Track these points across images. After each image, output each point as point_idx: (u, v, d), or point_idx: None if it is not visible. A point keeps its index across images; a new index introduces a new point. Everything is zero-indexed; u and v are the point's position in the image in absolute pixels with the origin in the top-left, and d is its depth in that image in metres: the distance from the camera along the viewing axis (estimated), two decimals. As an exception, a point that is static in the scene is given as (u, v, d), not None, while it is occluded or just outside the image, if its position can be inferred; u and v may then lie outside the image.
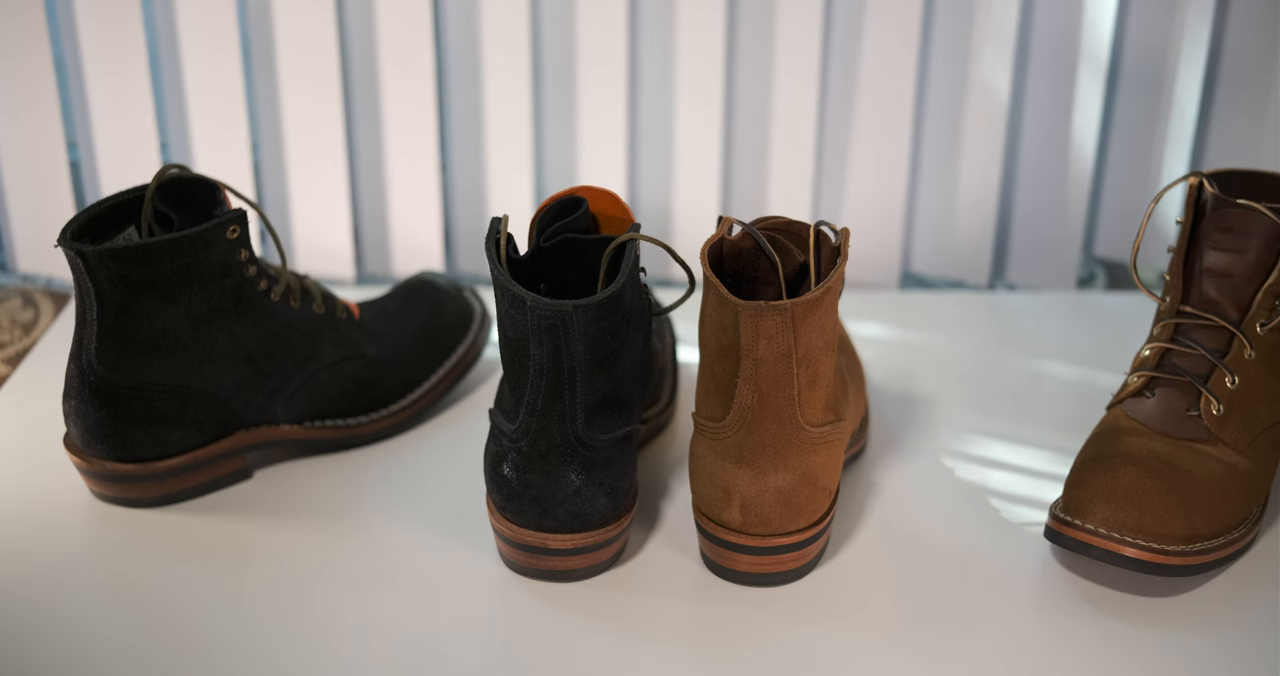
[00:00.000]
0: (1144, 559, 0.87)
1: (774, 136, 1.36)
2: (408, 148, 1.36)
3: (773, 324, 0.84)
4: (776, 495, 0.88)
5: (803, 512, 0.89)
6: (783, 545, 0.90)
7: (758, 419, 0.87)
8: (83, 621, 0.87)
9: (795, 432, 0.87)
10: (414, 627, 0.87)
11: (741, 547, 0.90)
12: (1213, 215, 0.95)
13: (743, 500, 0.88)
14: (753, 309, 0.84)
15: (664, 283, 1.40)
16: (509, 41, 1.32)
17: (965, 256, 1.41)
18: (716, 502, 0.89)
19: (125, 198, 0.95)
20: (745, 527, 0.89)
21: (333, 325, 1.03)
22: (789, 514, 0.89)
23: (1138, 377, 0.96)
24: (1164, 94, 1.34)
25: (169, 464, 0.97)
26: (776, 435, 0.87)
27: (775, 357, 0.85)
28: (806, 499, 0.89)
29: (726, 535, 0.90)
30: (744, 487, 0.88)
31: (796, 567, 0.92)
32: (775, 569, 0.91)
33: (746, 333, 0.84)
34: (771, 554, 0.90)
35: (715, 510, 0.90)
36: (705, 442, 0.90)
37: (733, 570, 0.91)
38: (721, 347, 0.87)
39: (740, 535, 0.90)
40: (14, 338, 1.25)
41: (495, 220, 0.88)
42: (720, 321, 0.86)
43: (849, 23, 1.33)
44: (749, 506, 0.88)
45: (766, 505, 0.88)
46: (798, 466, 0.88)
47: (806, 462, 0.88)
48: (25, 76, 1.30)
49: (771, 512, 0.89)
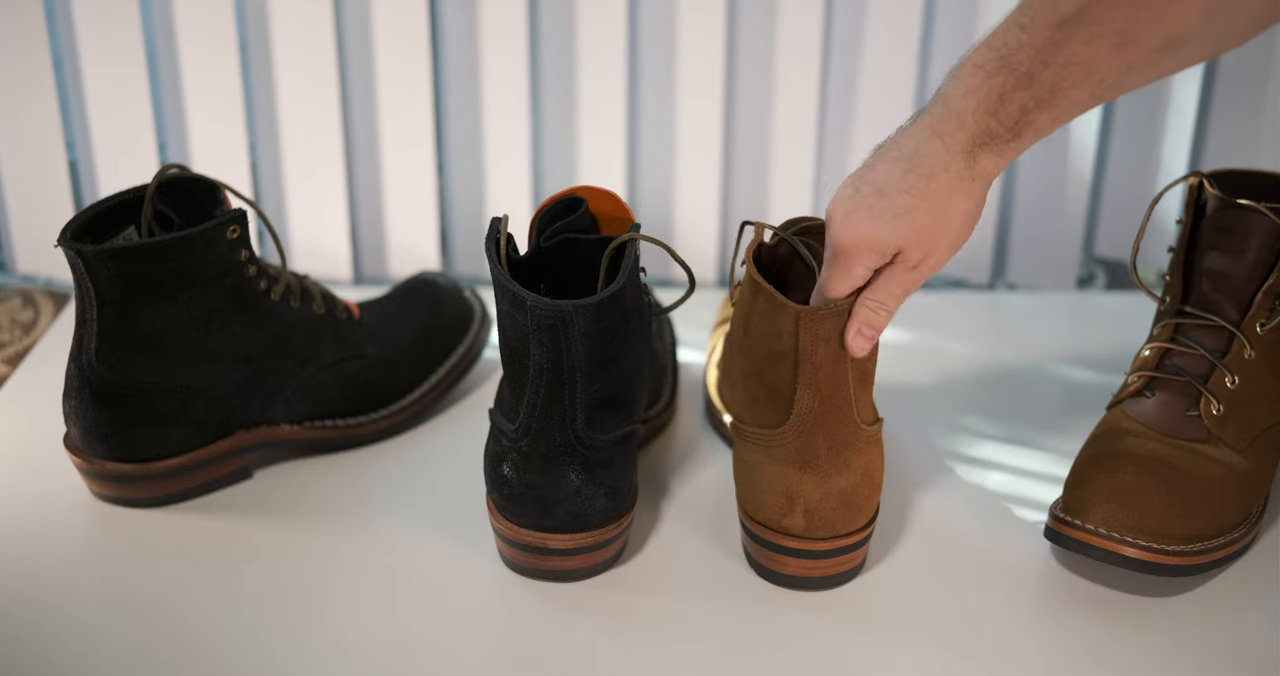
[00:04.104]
0: (1144, 559, 0.87)
1: (774, 136, 1.36)
2: (405, 148, 1.36)
3: (831, 327, 0.84)
4: (840, 497, 0.88)
5: (862, 512, 0.89)
6: (844, 546, 0.90)
7: (820, 423, 0.86)
8: (83, 621, 0.87)
9: (854, 433, 0.87)
10: (414, 627, 0.87)
11: (803, 553, 0.90)
12: (1213, 215, 0.95)
13: (806, 505, 0.88)
14: (813, 313, 0.84)
15: (664, 283, 1.40)
16: (507, 41, 1.32)
17: (965, 256, 1.41)
18: (778, 510, 0.89)
19: (125, 198, 0.95)
20: (808, 532, 0.89)
21: (333, 325, 1.03)
22: (851, 514, 0.89)
23: (1137, 378, 0.96)
24: (1164, 94, 1.34)
25: (169, 464, 0.97)
26: (838, 437, 0.87)
27: (833, 360, 0.85)
28: (866, 498, 0.89)
29: (787, 541, 0.89)
30: (808, 492, 0.88)
31: (850, 569, 0.92)
32: (831, 572, 0.91)
33: (806, 338, 0.84)
34: (832, 556, 0.90)
35: (775, 517, 0.89)
36: (759, 451, 0.89)
37: (784, 575, 0.91)
38: (775, 354, 0.86)
39: (803, 540, 0.89)
40: (14, 338, 1.24)
41: (495, 220, 0.88)
42: (775, 328, 0.86)
43: (850, 23, 1.33)
44: (813, 511, 0.88)
45: (830, 508, 0.88)
46: (858, 466, 0.88)
47: (865, 461, 0.88)
48: (24, 77, 1.30)
49: (835, 515, 0.88)
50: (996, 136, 0.81)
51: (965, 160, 0.81)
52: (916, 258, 0.84)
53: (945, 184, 0.82)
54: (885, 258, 0.83)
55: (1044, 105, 0.80)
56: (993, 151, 0.82)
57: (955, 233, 0.84)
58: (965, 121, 0.81)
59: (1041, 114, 0.80)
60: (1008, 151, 0.82)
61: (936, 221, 0.82)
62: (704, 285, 1.38)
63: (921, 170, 0.82)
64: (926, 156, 0.82)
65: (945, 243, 0.84)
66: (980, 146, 0.81)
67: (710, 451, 1.06)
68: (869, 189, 0.83)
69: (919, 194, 0.82)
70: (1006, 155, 0.82)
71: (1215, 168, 1.00)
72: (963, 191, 0.82)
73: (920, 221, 0.82)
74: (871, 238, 0.82)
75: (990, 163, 0.82)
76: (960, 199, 0.82)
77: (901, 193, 0.82)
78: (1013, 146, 0.82)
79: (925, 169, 0.82)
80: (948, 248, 0.84)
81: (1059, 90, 0.79)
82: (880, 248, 0.83)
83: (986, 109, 0.80)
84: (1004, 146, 0.82)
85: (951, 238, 0.84)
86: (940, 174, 0.81)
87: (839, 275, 0.84)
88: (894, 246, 0.83)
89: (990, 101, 0.80)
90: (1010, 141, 0.81)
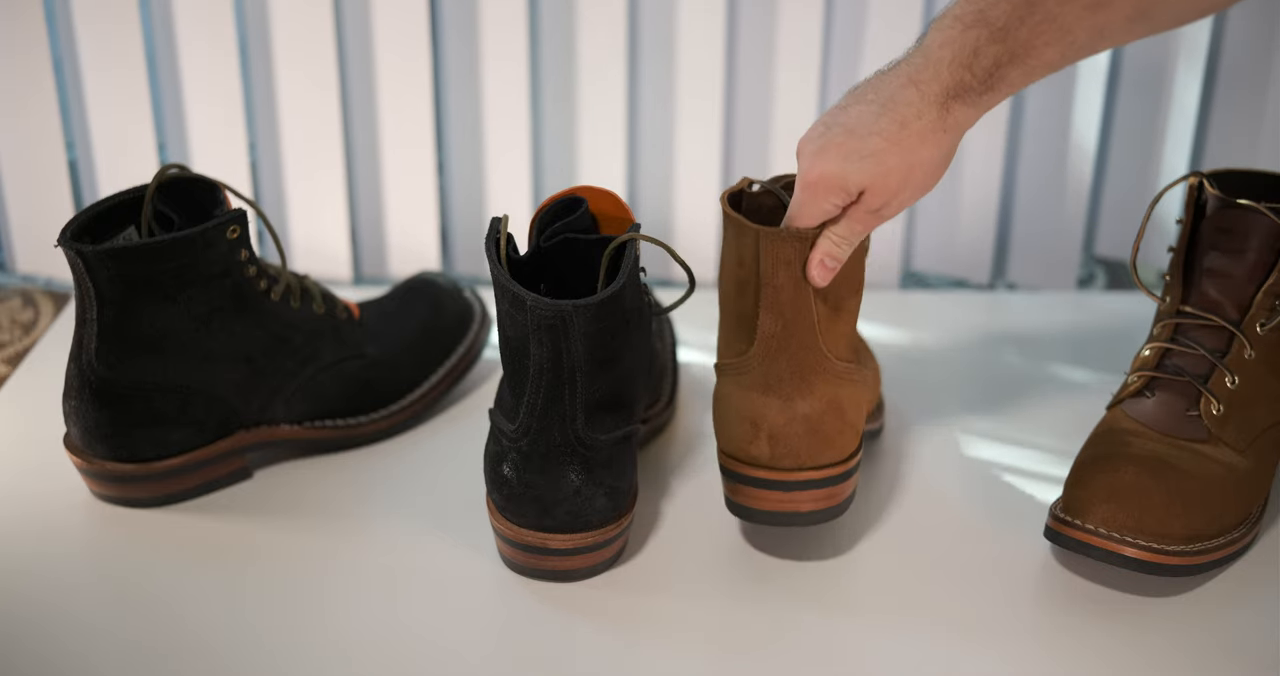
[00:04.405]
0: (1144, 559, 0.87)
1: (775, 136, 1.36)
2: (405, 148, 1.36)
3: (792, 250, 0.86)
4: (804, 423, 0.88)
5: (831, 445, 0.88)
6: (812, 480, 0.89)
7: (782, 347, 0.87)
8: (83, 621, 0.87)
9: (820, 360, 0.88)
10: (414, 627, 0.87)
11: (770, 483, 0.89)
12: (1213, 215, 0.95)
13: (770, 430, 0.88)
14: (772, 234, 0.86)
15: (664, 283, 1.40)
16: (508, 41, 1.32)
17: (966, 256, 1.41)
18: (743, 437, 0.89)
19: (125, 198, 0.95)
20: (774, 461, 0.89)
21: (333, 325, 1.03)
22: (817, 444, 0.88)
23: (1138, 378, 0.96)
24: (1164, 94, 1.34)
25: (169, 464, 0.97)
26: (801, 361, 0.88)
27: (794, 284, 0.86)
28: (835, 431, 0.88)
29: (754, 472, 0.89)
30: (771, 416, 0.88)
31: (825, 508, 0.90)
32: (804, 507, 0.90)
33: (766, 260, 0.86)
34: (801, 489, 0.89)
35: (742, 446, 0.89)
36: (729, 380, 0.90)
37: (759, 510, 0.90)
38: (740, 282, 0.88)
39: (768, 470, 0.89)
40: (14, 338, 1.24)
41: (495, 220, 0.88)
42: (739, 254, 0.87)
43: (850, 22, 1.33)
44: (776, 436, 0.88)
45: (794, 434, 0.88)
46: (824, 394, 0.88)
47: (833, 392, 0.88)
48: (24, 77, 1.30)
49: (800, 442, 0.88)
50: (970, 88, 0.84)
51: (939, 110, 0.84)
52: (878, 202, 0.86)
53: (917, 131, 0.84)
54: (850, 196, 0.86)
55: (1016, 61, 0.83)
56: (966, 103, 0.84)
57: (921, 179, 0.86)
58: (941, 72, 0.84)
59: (1013, 69, 0.83)
60: (980, 103, 0.85)
61: (904, 167, 0.85)
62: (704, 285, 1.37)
63: (895, 115, 0.84)
64: (901, 103, 0.84)
65: (910, 189, 0.86)
66: (954, 97, 0.84)
67: (710, 451, 1.06)
68: (840, 129, 0.85)
69: (890, 138, 0.84)
70: (979, 107, 0.85)
71: (1215, 168, 1.00)
72: (933, 140, 0.85)
73: (888, 165, 0.84)
74: (838, 175, 0.84)
75: (963, 113, 0.85)
76: (930, 147, 0.85)
77: (873, 135, 0.84)
78: (985, 99, 0.84)
79: (899, 115, 0.84)
80: (911, 194, 0.87)
81: (1031, 48, 0.82)
82: (845, 186, 0.85)
83: (961, 61, 0.83)
84: (977, 99, 0.84)
85: (917, 184, 0.86)
86: (913, 121, 0.84)
87: (805, 210, 0.86)
88: (859, 186, 0.85)
89: (965, 54, 0.83)
90: (983, 94, 0.84)
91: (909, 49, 0.86)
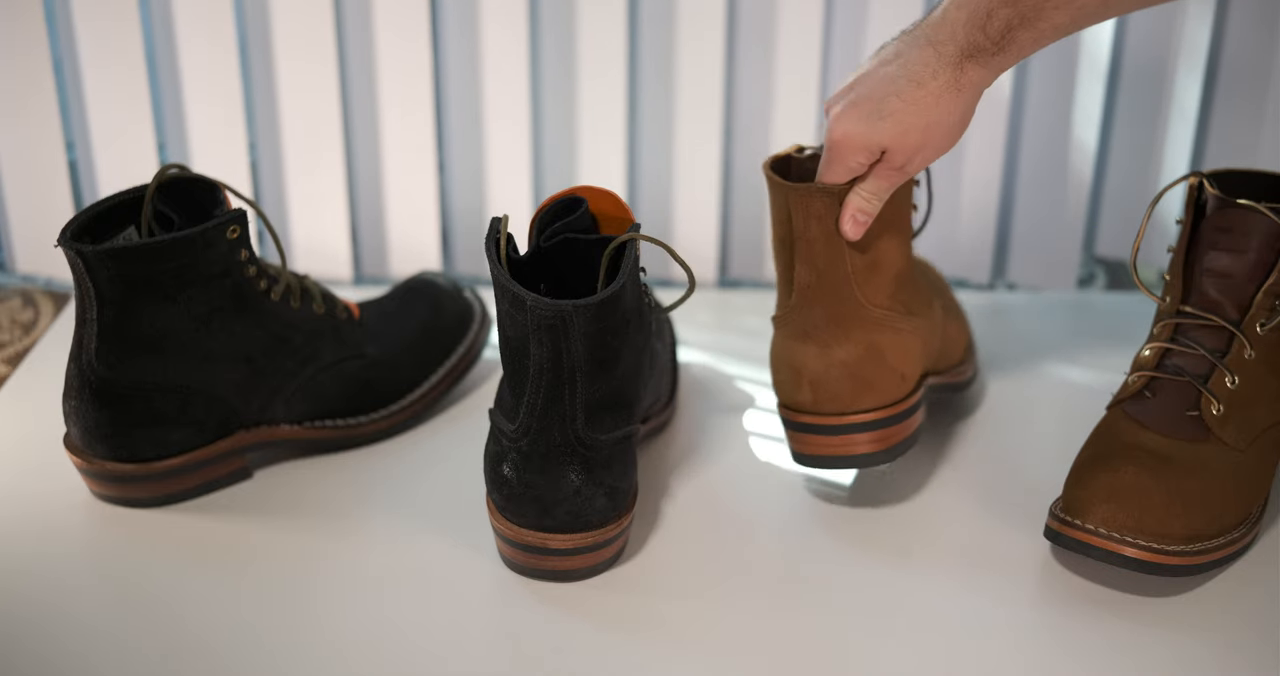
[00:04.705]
0: (1144, 559, 0.87)
1: (775, 136, 1.36)
2: (405, 147, 1.36)
3: (821, 205, 0.91)
4: (842, 368, 0.92)
5: (873, 389, 0.92)
6: (856, 423, 0.93)
7: (817, 296, 0.93)
8: (83, 621, 0.87)
9: (855, 309, 0.92)
10: (414, 627, 0.87)
11: (817, 427, 0.93)
12: (1213, 215, 0.95)
13: (811, 376, 0.92)
14: (802, 190, 0.91)
15: (664, 283, 1.40)
16: (508, 41, 1.32)
17: (966, 255, 1.41)
18: (789, 385, 0.94)
19: (125, 198, 0.95)
20: (817, 406, 0.93)
21: (333, 325, 1.03)
22: (858, 388, 0.92)
23: (1138, 378, 0.96)
24: (1164, 94, 1.34)
25: (169, 464, 0.97)
26: (836, 310, 0.92)
27: (826, 237, 0.91)
28: (875, 375, 0.92)
29: (802, 417, 0.93)
30: (810, 363, 0.92)
31: (878, 451, 0.94)
32: (858, 450, 0.94)
33: (798, 215, 0.91)
34: (845, 432, 0.93)
35: (790, 393, 0.94)
36: (777, 331, 0.95)
37: (814, 455, 0.94)
38: (781, 240, 0.93)
39: (814, 415, 0.93)
40: (14, 338, 1.24)
41: (495, 220, 0.88)
42: (778, 213, 0.93)
43: (850, 22, 1.33)
44: (818, 382, 0.92)
45: (834, 379, 0.92)
46: (861, 340, 0.92)
47: (871, 338, 0.92)
48: (24, 77, 1.30)
49: (840, 387, 0.92)
50: (983, 50, 0.87)
51: (954, 70, 0.88)
52: (901, 159, 0.90)
53: (933, 91, 0.88)
54: (874, 154, 0.90)
55: (1026, 24, 0.86)
56: (979, 64, 0.88)
57: (940, 138, 0.90)
58: (956, 33, 0.88)
59: (1024, 32, 0.87)
60: (993, 64, 0.88)
61: (921, 125, 0.89)
62: (704, 285, 1.38)
63: (912, 76, 0.88)
64: (918, 63, 0.88)
65: (930, 147, 0.90)
66: (968, 58, 0.88)
67: (710, 451, 1.06)
68: (863, 89, 0.90)
69: (907, 98, 0.88)
70: (992, 68, 0.89)
71: (1215, 168, 1.00)
72: (949, 99, 0.89)
73: (906, 124, 0.89)
74: (860, 135, 0.89)
75: (977, 74, 0.88)
76: (946, 106, 0.89)
77: (891, 96, 0.88)
78: (997, 60, 0.88)
79: (915, 75, 0.88)
80: (932, 151, 0.91)
81: (1041, 11, 0.86)
82: (867, 145, 0.89)
83: (975, 23, 0.87)
84: (989, 60, 0.88)
85: (936, 143, 0.90)
86: (929, 81, 0.88)
87: (833, 167, 0.91)
88: (880, 145, 0.89)
89: (979, 16, 0.87)
90: (995, 55, 0.88)
91: (929, 11, 0.90)
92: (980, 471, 1.04)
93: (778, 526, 0.98)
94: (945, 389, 1.06)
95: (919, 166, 0.92)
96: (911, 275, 0.98)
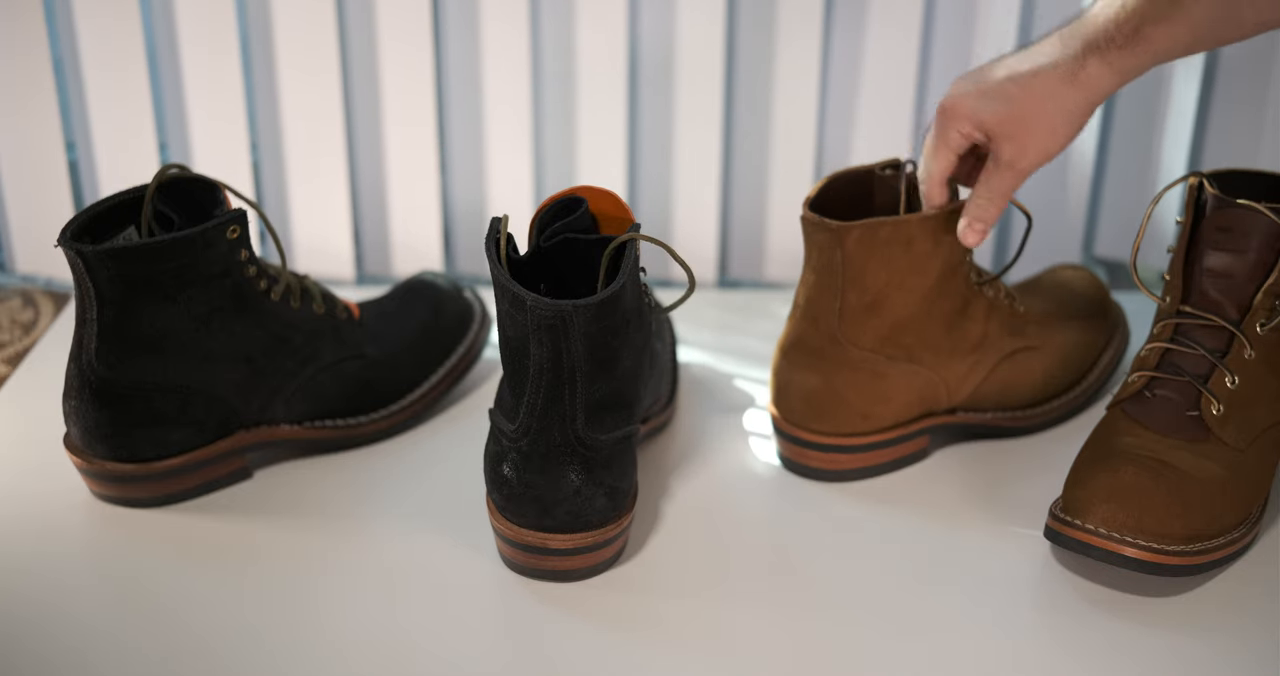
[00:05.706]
0: (1144, 559, 0.87)
1: (775, 136, 1.36)
2: (407, 147, 1.36)
3: (824, 238, 0.95)
4: (800, 391, 0.98)
5: (826, 418, 0.97)
6: (808, 441, 0.99)
7: (801, 319, 0.97)
8: (83, 621, 0.87)
9: (828, 343, 0.96)
10: (414, 627, 0.87)
11: (780, 432, 1.01)
12: (1213, 215, 0.95)
13: (779, 384, 0.99)
14: (811, 222, 0.94)
15: (664, 283, 1.40)
16: (509, 41, 1.32)
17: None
18: (771, 384, 1.02)
19: (125, 198, 0.95)
20: (783, 414, 1.01)
21: (333, 325, 1.03)
22: (812, 413, 0.98)
23: (1138, 378, 0.96)
24: (1164, 94, 1.34)
25: (169, 464, 0.97)
26: (813, 338, 0.97)
27: (822, 268, 0.96)
28: (828, 408, 0.97)
29: (775, 420, 1.01)
30: (780, 373, 0.99)
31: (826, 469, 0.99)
32: (805, 462, 1.01)
33: (806, 243, 0.97)
34: (800, 446, 0.99)
35: (772, 395, 1.02)
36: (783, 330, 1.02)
37: (780, 455, 1.02)
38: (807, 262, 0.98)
39: (781, 421, 1.01)
40: (14, 337, 1.25)
41: (495, 220, 0.88)
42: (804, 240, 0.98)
43: (850, 22, 1.33)
44: (782, 392, 0.99)
45: (794, 396, 0.98)
46: (825, 374, 0.97)
47: (831, 375, 0.97)
48: (24, 76, 1.30)
49: (797, 405, 0.98)
50: (1111, 41, 0.88)
51: (1073, 62, 0.89)
52: (1009, 153, 0.91)
53: (1047, 80, 0.89)
54: (975, 131, 0.91)
55: (1162, 18, 0.86)
56: (1102, 59, 0.88)
57: (1045, 134, 0.90)
58: (1087, 24, 0.89)
59: (1157, 27, 0.87)
60: (1117, 61, 0.88)
61: (1028, 115, 0.90)
62: (704, 285, 1.38)
63: (1031, 62, 0.90)
64: (1040, 52, 0.90)
65: (1036, 141, 0.91)
66: (1092, 51, 0.88)
67: (710, 451, 1.06)
68: (988, 69, 0.93)
69: (1020, 83, 0.90)
70: (1115, 66, 0.88)
71: (1215, 168, 1.00)
72: (1062, 91, 0.89)
73: (1013, 108, 0.90)
74: (967, 105, 0.91)
75: (1097, 69, 0.88)
76: (1058, 98, 0.89)
77: (1007, 80, 0.91)
78: (1123, 58, 0.88)
79: (1034, 62, 0.90)
80: (1037, 149, 0.91)
81: (1178, 3, 0.86)
82: (971, 115, 0.91)
83: (1110, 15, 0.88)
84: (1114, 54, 0.88)
85: (1043, 137, 0.90)
86: (1047, 70, 0.89)
87: (936, 139, 0.94)
88: (982, 122, 0.91)
89: (1115, 6, 0.88)
90: (1122, 49, 0.88)
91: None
92: (980, 471, 1.04)
93: (778, 526, 0.98)
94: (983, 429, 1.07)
95: (1029, 164, 0.92)
96: (926, 323, 0.98)
